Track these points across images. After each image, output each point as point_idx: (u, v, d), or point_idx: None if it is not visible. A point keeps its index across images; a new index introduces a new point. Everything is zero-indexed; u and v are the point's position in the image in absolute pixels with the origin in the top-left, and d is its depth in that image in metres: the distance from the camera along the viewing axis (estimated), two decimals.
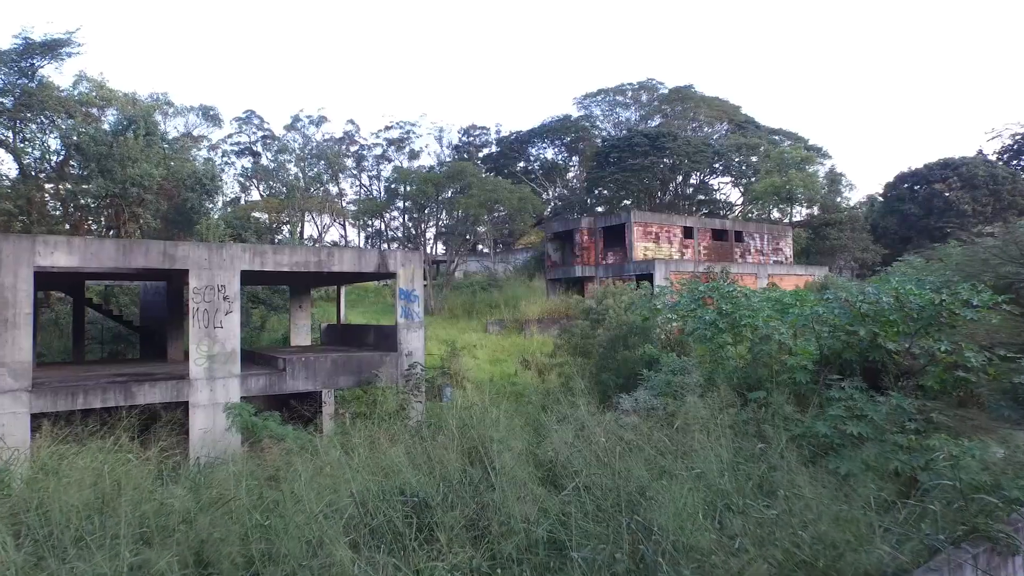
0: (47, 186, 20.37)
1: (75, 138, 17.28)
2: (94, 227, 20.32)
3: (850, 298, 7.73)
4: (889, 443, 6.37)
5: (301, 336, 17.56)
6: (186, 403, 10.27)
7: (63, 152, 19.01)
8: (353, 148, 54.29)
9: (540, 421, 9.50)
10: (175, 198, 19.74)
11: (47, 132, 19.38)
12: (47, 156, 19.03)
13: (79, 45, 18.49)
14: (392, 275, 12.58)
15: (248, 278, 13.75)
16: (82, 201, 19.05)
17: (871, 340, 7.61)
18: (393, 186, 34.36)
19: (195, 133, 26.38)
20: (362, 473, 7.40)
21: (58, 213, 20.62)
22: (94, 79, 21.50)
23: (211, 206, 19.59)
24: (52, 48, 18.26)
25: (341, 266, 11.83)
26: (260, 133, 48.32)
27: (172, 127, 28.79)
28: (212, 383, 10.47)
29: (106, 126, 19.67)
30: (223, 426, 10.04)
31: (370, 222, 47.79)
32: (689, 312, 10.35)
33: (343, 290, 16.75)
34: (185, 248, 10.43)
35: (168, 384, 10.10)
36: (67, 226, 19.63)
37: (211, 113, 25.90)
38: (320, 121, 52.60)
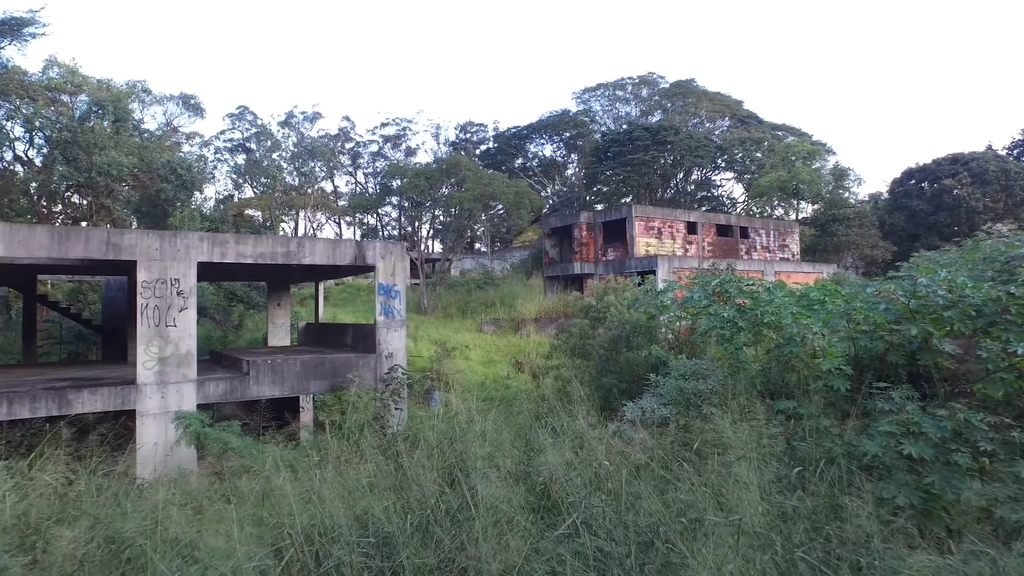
0: (17, 177, 19.20)
1: (37, 123, 16.06)
2: (60, 219, 19.12)
3: (898, 292, 6.55)
4: (955, 468, 5.21)
5: (280, 336, 16.38)
6: (133, 412, 9.08)
7: (28, 139, 17.81)
8: (349, 145, 53.18)
9: (533, 433, 8.33)
10: (149, 189, 18.54)
11: (12, 118, 18.17)
12: (5, 142, 17.77)
13: (44, 25, 17.28)
14: (370, 268, 11.40)
15: (211, 272, 12.56)
16: (53, 190, 17.80)
17: (924, 341, 6.44)
18: (385, 180, 33.13)
19: (175, 123, 25.12)
20: (317, 500, 6.21)
21: (26, 203, 19.40)
22: (66, 64, 20.30)
23: (186, 197, 18.35)
24: (14, 28, 17.04)
25: (312, 258, 10.64)
26: (253, 129, 47.12)
27: (151, 116, 27.71)
28: (163, 389, 9.27)
29: (77, 113, 18.46)
30: (176, 438, 8.85)
31: (363, 218, 46.66)
32: (702, 309, 9.19)
33: (321, 286, 15.58)
34: (132, 237, 9.24)
35: (112, 391, 8.90)
36: (34, 218, 18.44)
37: (192, 102, 24.60)
38: (315, 117, 51.49)
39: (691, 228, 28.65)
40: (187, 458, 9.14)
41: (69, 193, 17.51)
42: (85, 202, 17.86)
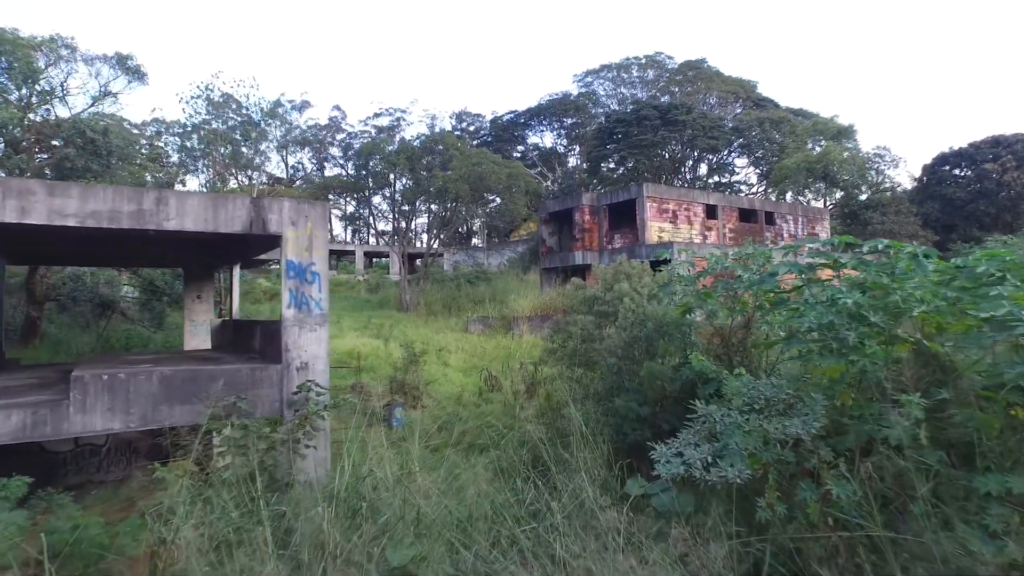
0: None
1: None
2: None
3: None
4: None
5: (200, 336, 12.82)
6: None
7: None
8: (340, 136, 50.00)
9: (496, 511, 4.86)
10: (55, 156, 15.09)
11: None
12: None
13: None
14: (276, 240, 7.82)
15: (37, 247, 8.95)
16: None
17: None
18: (361, 161, 29.57)
19: (112, 88, 21.50)
20: None
21: None
22: None
23: (101, 169, 14.84)
24: None
25: (181, 220, 7.06)
26: (239, 119, 43.88)
27: (76, 78, 23.84)
28: None
29: None
30: None
31: (355, 212, 43.36)
32: (781, 293, 5.62)
33: (236, 271, 12.08)
34: None
35: None
36: None
37: (130, 64, 20.83)
38: (303, 106, 48.44)
39: (710, 212, 24.97)
40: None
41: None
42: None
